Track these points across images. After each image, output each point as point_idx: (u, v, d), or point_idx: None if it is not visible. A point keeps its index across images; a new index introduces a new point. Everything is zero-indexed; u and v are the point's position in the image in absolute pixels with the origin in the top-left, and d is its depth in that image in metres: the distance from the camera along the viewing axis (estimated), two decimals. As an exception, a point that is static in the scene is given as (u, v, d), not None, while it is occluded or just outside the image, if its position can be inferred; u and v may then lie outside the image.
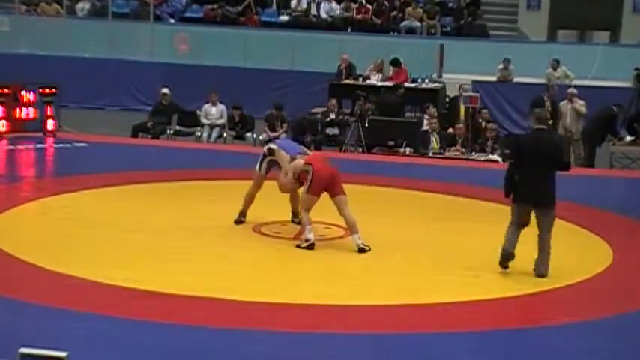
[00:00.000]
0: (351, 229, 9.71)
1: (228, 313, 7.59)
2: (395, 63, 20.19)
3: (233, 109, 17.72)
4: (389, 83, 19.49)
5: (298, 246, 9.63)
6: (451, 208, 12.09)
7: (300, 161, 9.97)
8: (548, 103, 16.90)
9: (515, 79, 21.62)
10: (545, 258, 9.01)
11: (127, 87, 22.86)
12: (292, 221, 10.56)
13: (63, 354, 4.55)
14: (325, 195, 9.86)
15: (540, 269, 9.00)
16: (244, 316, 7.50)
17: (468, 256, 9.57)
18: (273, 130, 17.19)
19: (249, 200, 10.54)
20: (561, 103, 17.22)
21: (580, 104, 17.09)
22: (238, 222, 10.52)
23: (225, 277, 8.56)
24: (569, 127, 16.83)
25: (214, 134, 17.73)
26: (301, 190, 9.99)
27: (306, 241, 9.62)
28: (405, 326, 7.47)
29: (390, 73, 20.34)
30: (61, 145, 15.50)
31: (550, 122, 16.57)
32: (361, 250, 9.56)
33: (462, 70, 21.32)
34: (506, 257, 9.03)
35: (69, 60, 22.58)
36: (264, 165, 10.42)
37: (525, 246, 9.62)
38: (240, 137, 17.67)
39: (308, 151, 10.66)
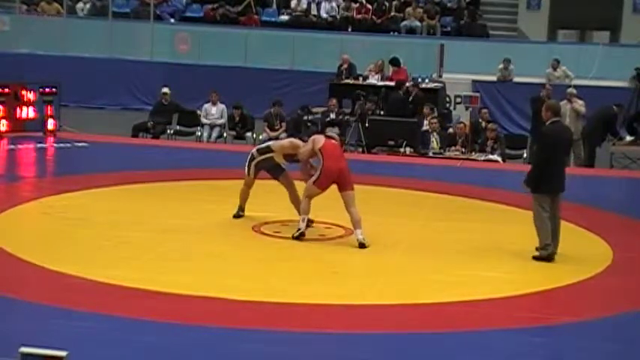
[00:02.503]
0: (355, 224, 9.79)
1: (228, 312, 7.59)
2: (394, 62, 20.18)
3: (233, 108, 17.73)
4: (389, 83, 19.47)
5: (293, 235, 9.81)
6: (451, 208, 12.09)
7: (320, 141, 10.01)
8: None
9: (515, 79, 21.63)
10: (558, 239, 9.46)
11: (127, 87, 22.88)
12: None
13: (63, 353, 4.55)
14: (328, 194, 9.90)
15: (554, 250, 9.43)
16: (244, 315, 7.50)
17: (468, 256, 9.57)
18: (272, 129, 17.20)
19: (244, 197, 10.72)
20: (561, 103, 17.19)
21: (579, 104, 17.08)
22: (237, 216, 10.71)
23: (225, 276, 8.56)
24: (569, 127, 16.81)
25: (214, 134, 17.74)
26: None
27: (298, 230, 9.79)
28: (405, 326, 7.47)
29: (390, 72, 20.33)
30: (61, 145, 15.50)
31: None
32: (361, 246, 9.63)
33: (462, 70, 21.32)
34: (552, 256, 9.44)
35: (69, 59, 22.61)
36: (252, 169, 10.54)
37: (526, 247, 9.64)
38: (240, 137, 17.68)
39: None
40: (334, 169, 9.81)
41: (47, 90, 16.30)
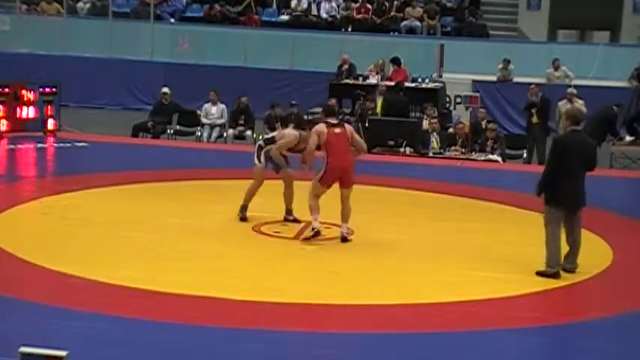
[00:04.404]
0: (343, 218, 9.89)
1: (228, 312, 7.60)
2: (395, 61, 20.17)
3: (238, 98, 17.67)
4: (389, 83, 19.46)
5: (306, 237, 9.81)
6: (451, 208, 12.09)
7: (323, 132, 9.84)
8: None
9: (515, 79, 21.62)
10: (576, 254, 9.08)
11: (127, 87, 22.87)
12: (286, 219, 10.59)
13: (63, 353, 4.55)
14: (328, 194, 9.91)
15: (572, 265, 9.05)
16: (244, 315, 7.50)
17: (468, 256, 9.57)
18: (273, 130, 17.16)
19: (250, 195, 10.60)
20: (560, 103, 17.23)
21: (580, 104, 17.07)
22: (243, 218, 10.57)
23: (225, 276, 8.56)
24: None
25: (214, 134, 17.74)
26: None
27: (313, 229, 9.77)
28: (405, 326, 7.47)
29: (390, 72, 20.33)
30: (61, 145, 15.49)
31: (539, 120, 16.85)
32: (343, 240, 9.76)
33: (462, 70, 21.32)
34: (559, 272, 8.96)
35: (69, 59, 22.60)
36: (263, 157, 10.50)
37: (526, 247, 9.64)
38: (240, 137, 17.67)
39: None
40: (340, 166, 9.78)
41: (47, 90, 16.30)
